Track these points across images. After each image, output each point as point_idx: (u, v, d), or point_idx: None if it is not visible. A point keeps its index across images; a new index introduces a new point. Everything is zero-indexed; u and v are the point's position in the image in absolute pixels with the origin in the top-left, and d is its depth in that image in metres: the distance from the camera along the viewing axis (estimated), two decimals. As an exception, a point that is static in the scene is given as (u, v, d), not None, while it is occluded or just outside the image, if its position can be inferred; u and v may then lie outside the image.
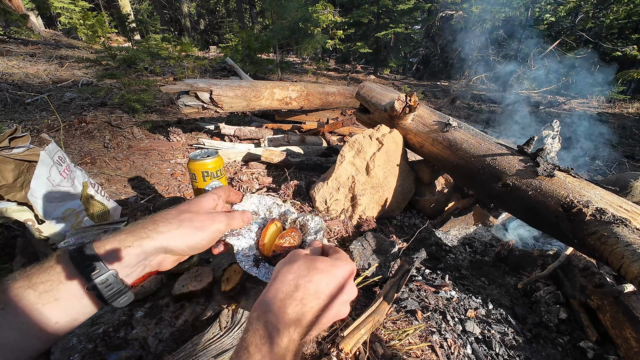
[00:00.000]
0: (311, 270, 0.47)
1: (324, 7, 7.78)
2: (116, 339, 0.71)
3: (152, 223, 0.51)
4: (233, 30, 7.12)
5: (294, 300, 0.44)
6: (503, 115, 5.51)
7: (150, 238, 0.49)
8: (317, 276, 0.47)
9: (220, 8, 19.35)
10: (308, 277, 0.46)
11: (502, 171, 1.35)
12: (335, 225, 1.59)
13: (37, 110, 3.20)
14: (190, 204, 0.57)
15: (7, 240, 1.42)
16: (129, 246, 0.47)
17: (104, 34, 3.38)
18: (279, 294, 0.45)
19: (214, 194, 0.62)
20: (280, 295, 0.45)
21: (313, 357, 0.82)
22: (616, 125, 5.30)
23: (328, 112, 3.92)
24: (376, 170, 1.70)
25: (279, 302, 0.44)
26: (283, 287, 0.45)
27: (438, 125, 1.71)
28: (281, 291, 0.45)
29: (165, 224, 0.51)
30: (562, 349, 1.04)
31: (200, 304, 0.82)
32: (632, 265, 0.84)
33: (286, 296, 0.44)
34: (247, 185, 2.00)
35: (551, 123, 1.38)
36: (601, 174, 3.29)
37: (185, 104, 2.59)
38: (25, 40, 5.94)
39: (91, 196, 1.36)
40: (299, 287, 0.45)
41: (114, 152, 2.52)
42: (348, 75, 8.55)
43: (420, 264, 1.43)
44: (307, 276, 0.46)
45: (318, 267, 0.48)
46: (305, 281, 0.46)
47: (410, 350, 0.93)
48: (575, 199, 1.11)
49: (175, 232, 0.51)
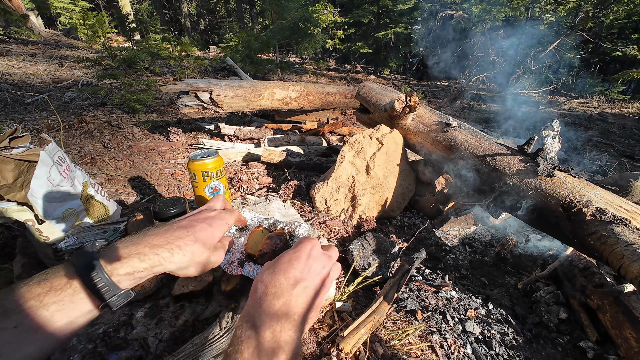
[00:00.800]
0: (275, 267, 0.51)
1: (324, 7, 7.78)
2: (116, 339, 0.71)
3: (167, 250, 0.51)
4: (233, 30, 7.12)
5: (275, 293, 0.47)
6: (503, 115, 5.51)
7: (161, 266, 0.50)
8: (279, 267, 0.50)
9: (220, 8, 19.35)
10: (274, 274, 0.49)
11: (502, 171, 1.35)
12: (335, 225, 1.59)
13: (37, 110, 3.20)
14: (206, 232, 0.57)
15: (7, 240, 1.42)
16: (141, 271, 0.48)
17: (104, 34, 3.38)
18: (258, 290, 0.48)
19: (225, 223, 0.63)
20: (260, 291, 0.48)
21: (313, 357, 0.82)
22: (616, 125, 5.30)
23: (328, 112, 3.92)
24: (376, 170, 1.70)
25: (260, 297, 0.47)
26: (262, 283, 0.49)
27: (438, 125, 1.71)
28: (261, 286, 0.48)
29: (179, 256, 0.52)
30: (562, 349, 1.04)
31: (200, 304, 0.82)
32: (632, 265, 0.84)
33: (266, 290, 0.47)
34: (247, 185, 2.00)
35: (551, 123, 1.37)
36: (601, 174, 3.29)
37: (185, 104, 2.59)
38: (25, 40, 5.94)
39: (91, 196, 1.36)
40: (277, 279, 0.48)
41: (114, 152, 2.52)
42: (348, 75, 8.55)
43: (420, 264, 1.43)
44: (274, 273, 0.49)
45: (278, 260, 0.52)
46: (282, 273, 0.49)
47: (410, 350, 0.93)
48: (575, 199, 1.11)
49: (186, 268, 0.54)
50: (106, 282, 0.44)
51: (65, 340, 0.43)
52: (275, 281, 0.49)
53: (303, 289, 0.49)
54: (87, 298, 0.44)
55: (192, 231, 0.55)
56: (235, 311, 0.77)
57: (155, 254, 0.49)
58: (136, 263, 0.47)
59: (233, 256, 0.78)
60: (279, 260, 0.52)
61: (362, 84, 2.46)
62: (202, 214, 0.61)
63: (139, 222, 0.97)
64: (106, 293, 0.45)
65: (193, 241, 0.54)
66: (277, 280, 0.49)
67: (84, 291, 0.44)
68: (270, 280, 0.49)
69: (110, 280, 0.45)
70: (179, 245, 0.52)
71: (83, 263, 0.45)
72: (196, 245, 0.54)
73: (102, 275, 0.44)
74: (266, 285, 0.48)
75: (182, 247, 0.52)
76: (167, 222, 0.58)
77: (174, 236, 0.53)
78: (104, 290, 0.44)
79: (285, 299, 0.47)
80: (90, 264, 0.45)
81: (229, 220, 0.64)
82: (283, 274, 0.49)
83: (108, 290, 0.45)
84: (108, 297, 0.45)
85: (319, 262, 0.53)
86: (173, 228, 0.55)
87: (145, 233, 0.52)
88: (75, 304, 0.43)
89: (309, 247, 0.54)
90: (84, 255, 0.46)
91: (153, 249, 0.49)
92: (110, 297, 0.45)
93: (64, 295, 0.42)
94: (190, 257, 0.53)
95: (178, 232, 0.54)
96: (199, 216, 0.60)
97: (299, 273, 0.50)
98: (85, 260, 0.45)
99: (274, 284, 0.48)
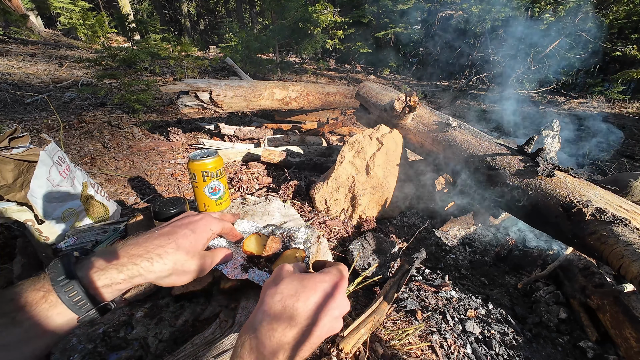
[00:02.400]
0: (299, 289, 0.45)
1: (324, 7, 7.78)
2: (116, 339, 0.71)
3: (147, 260, 0.49)
4: (233, 30, 7.12)
5: (281, 324, 0.42)
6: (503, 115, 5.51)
7: (141, 276, 0.48)
8: (304, 294, 0.44)
9: (220, 8, 19.35)
10: (295, 297, 0.44)
11: (502, 171, 1.35)
12: (335, 225, 1.59)
13: (36, 110, 3.20)
14: (188, 239, 0.55)
15: (7, 240, 1.42)
16: (119, 283, 0.47)
17: (104, 34, 3.38)
18: (265, 318, 0.43)
19: (209, 229, 0.60)
20: (266, 320, 0.43)
21: (313, 357, 0.82)
22: (616, 125, 5.30)
23: (328, 112, 3.92)
24: (376, 170, 1.70)
25: (266, 326, 0.42)
26: (270, 311, 0.43)
27: (438, 125, 1.71)
28: (268, 315, 0.43)
29: (160, 265, 0.50)
30: (562, 349, 1.04)
31: (200, 304, 0.82)
32: (632, 265, 0.84)
33: (273, 320, 0.42)
34: (247, 185, 2.00)
35: (551, 123, 1.38)
36: (601, 174, 3.29)
37: (185, 104, 2.59)
38: (25, 40, 5.94)
39: (91, 196, 1.36)
40: (287, 308, 0.43)
41: (114, 152, 2.52)
42: (348, 75, 8.55)
43: (420, 264, 1.43)
44: (295, 295, 0.44)
45: (305, 284, 0.46)
46: (293, 301, 0.43)
47: (410, 350, 0.93)
48: (575, 199, 1.11)
49: (168, 277, 0.52)
50: (82, 296, 0.43)
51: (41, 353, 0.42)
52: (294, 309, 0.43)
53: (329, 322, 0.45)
54: (63, 312, 0.43)
55: (174, 238, 0.53)
56: (235, 311, 0.77)
57: (134, 264, 0.48)
58: (114, 274, 0.46)
59: (235, 262, 0.78)
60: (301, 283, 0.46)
61: (362, 84, 2.46)
62: (186, 219, 0.59)
63: (139, 222, 0.97)
64: (83, 307, 0.43)
65: (174, 249, 0.52)
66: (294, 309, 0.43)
67: (60, 306, 0.42)
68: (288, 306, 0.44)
69: (87, 293, 0.44)
70: (159, 253, 0.50)
71: (59, 276, 0.43)
72: (178, 254, 0.52)
73: (78, 289, 0.43)
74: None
75: (162, 256, 0.50)
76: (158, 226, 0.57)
77: (154, 244, 0.51)
78: (81, 304, 0.43)
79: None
80: (67, 277, 0.43)
81: (214, 225, 0.61)
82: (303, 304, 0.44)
83: (85, 304, 0.43)
84: (85, 312, 0.44)
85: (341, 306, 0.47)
86: (154, 236, 0.53)
87: (125, 242, 0.51)
88: (51, 319, 0.42)
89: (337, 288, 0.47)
90: (61, 267, 0.44)
91: (132, 259, 0.48)
92: (88, 311, 0.44)
93: (39, 310, 0.41)
94: (172, 266, 0.51)
95: (159, 240, 0.52)
96: (182, 221, 0.58)
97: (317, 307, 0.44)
98: (62, 273, 0.44)
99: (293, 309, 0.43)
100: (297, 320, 0.42)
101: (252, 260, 0.79)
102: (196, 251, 0.56)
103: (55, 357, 0.66)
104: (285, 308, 0.43)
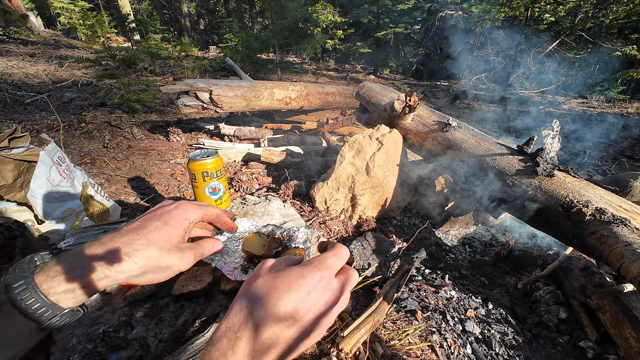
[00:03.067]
0: (270, 289, 0.39)
1: (324, 7, 7.78)
2: (116, 339, 0.71)
3: (116, 260, 0.45)
4: (233, 30, 7.11)
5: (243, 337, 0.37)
6: (503, 115, 5.52)
7: (108, 278, 0.45)
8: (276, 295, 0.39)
9: (220, 8, 19.35)
10: (263, 300, 0.38)
11: (502, 171, 1.35)
12: (335, 225, 1.59)
13: (36, 110, 3.20)
14: (161, 233, 0.50)
15: (7, 240, 1.42)
16: (84, 287, 0.44)
17: (104, 34, 3.38)
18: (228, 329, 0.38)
19: (185, 218, 0.54)
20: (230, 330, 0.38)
21: (313, 357, 0.82)
22: (616, 125, 5.30)
23: (328, 112, 3.92)
24: (376, 170, 1.70)
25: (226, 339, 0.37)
26: (234, 319, 0.38)
27: (438, 125, 1.71)
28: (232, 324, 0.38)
29: (129, 264, 0.46)
30: (562, 349, 1.04)
31: (200, 304, 0.82)
32: (632, 265, 0.84)
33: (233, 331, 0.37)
34: (247, 185, 2.00)
35: (551, 123, 1.38)
36: (601, 174, 3.30)
37: (185, 104, 2.59)
38: (25, 40, 5.94)
39: (91, 196, 1.36)
40: (252, 314, 0.38)
41: (114, 152, 2.52)
42: (348, 75, 8.55)
43: (420, 264, 1.43)
44: (263, 299, 0.39)
45: (279, 284, 0.40)
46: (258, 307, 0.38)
47: (410, 350, 0.93)
48: (575, 199, 1.11)
49: (142, 275, 0.48)
50: (42, 303, 0.40)
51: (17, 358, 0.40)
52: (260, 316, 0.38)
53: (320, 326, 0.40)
54: (24, 321, 0.40)
55: (143, 233, 0.49)
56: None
57: (100, 265, 0.44)
58: (76, 278, 0.43)
59: (234, 262, 0.78)
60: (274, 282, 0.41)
61: (361, 84, 2.46)
62: (158, 210, 0.54)
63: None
64: (43, 315, 0.41)
65: (144, 245, 0.48)
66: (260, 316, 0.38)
67: (19, 314, 0.39)
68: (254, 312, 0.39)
69: (47, 300, 0.41)
70: (127, 252, 0.46)
71: (15, 283, 0.40)
72: (150, 250, 0.48)
73: (36, 296, 0.40)
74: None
75: (130, 254, 0.46)
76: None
77: (121, 242, 0.47)
78: (41, 312, 0.40)
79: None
80: (23, 284, 0.40)
81: (191, 213, 0.55)
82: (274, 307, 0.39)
83: (46, 312, 0.41)
84: (47, 319, 0.41)
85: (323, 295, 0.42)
86: (122, 233, 0.49)
87: (90, 243, 0.47)
88: (13, 328, 0.39)
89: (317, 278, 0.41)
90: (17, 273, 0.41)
91: (98, 262, 0.44)
92: (51, 318, 0.41)
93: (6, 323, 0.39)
94: (145, 264, 0.47)
95: (126, 237, 0.48)
96: (154, 213, 0.53)
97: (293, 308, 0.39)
98: (18, 280, 0.40)
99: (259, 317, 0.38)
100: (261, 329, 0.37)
101: (252, 260, 0.79)
102: (172, 244, 0.51)
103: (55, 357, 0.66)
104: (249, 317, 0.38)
